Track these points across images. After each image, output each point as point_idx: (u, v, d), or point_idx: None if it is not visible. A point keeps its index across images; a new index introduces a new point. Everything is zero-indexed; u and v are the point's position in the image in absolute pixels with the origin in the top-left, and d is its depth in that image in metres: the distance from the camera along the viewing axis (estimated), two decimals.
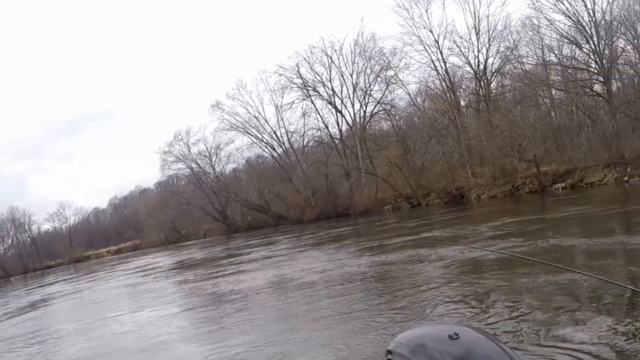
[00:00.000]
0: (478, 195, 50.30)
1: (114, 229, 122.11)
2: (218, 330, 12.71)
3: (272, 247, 36.28)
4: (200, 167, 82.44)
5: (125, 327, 15.59)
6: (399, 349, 1.74)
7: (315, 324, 11.15)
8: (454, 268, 14.52)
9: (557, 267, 10.55)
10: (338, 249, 26.26)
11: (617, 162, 41.85)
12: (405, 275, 14.82)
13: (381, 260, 18.59)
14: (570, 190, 41.87)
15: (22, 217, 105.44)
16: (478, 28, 53.98)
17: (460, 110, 57.84)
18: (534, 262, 11.60)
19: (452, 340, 1.64)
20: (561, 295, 9.60)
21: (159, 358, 11.27)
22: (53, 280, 51.14)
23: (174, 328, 13.95)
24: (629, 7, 43.86)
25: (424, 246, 19.81)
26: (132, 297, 23.60)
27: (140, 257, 63.52)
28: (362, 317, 10.83)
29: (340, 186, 67.84)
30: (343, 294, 13.89)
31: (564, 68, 48.27)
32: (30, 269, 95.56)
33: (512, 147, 47.87)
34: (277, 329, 11.39)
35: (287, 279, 18.46)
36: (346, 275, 16.65)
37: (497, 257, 14.61)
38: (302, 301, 14.11)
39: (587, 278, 10.09)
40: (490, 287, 11.45)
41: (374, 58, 65.00)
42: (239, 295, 16.89)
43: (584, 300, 9.20)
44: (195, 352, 11.14)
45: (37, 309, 27.17)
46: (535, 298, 9.83)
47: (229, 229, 79.85)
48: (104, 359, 12.08)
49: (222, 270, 26.71)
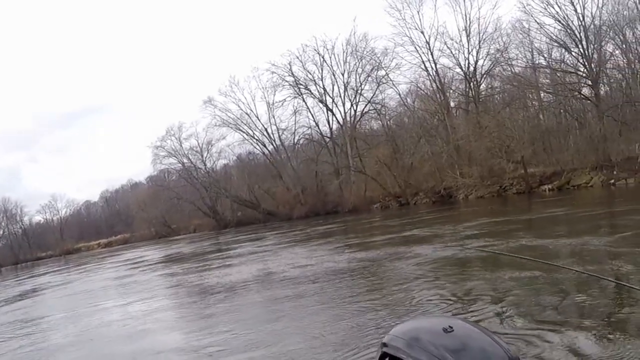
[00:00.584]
0: (466, 196, 50.37)
1: (105, 222, 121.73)
2: (199, 319, 13.20)
3: (258, 243, 36.44)
4: (192, 163, 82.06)
5: (111, 316, 15.82)
6: (394, 342, 1.74)
7: (293, 314, 11.69)
8: (425, 264, 15.19)
9: (525, 260, 11.90)
10: (321, 245, 26.76)
11: (604, 164, 42.06)
12: (379, 271, 15.56)
13: (360, 257, 19.19)
14: (557, 192, 42.10)
15: (14, 209, 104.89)
16: (469, 30, 54.14)
17: (450, 111, 57.85)
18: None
19: (447, 333, 1.64)
20: (524, 287, 10.61)
21: (141, 345, 11.47)
22: (43, 272, 51.06)
23: (157, 318, 14.30)
24: (618, 12, 44.10)
25: (402, 244, 20.77)
26: (119, 289, 23.74)
27: (130, 250, 63.49)
28: (337, 307, 11.51)
29: (330, 184, 67.71)
30: (321, 288, 14.38)
31: (553, 71, 48.37)
32: (21, 260, 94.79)
33: (500, 149, 47.93)
34: (256, 319, 11.89)
35: (269, 274, 18.99)
36: (325, 270, 17.13)
37: (466, 255, 15.69)
38: (282, 294, 14.36)
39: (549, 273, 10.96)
40: (455, 280, 12.56)
41: (366, 58, 65.01)
42: (223, 288, 17.26)
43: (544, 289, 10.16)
44: (176, 339, 11.48)
45: (26, 298, 27.25)
46: (494, 288, 10.88)
47: (218, 224, 79.60)
48: (90, 345, 12.45)
49: (209, 264, 27.00)
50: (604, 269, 10.98)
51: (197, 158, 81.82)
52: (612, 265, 11.28)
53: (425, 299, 10.93)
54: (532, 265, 11.71)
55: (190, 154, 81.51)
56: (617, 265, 11.20)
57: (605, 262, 11.77)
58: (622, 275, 10.27)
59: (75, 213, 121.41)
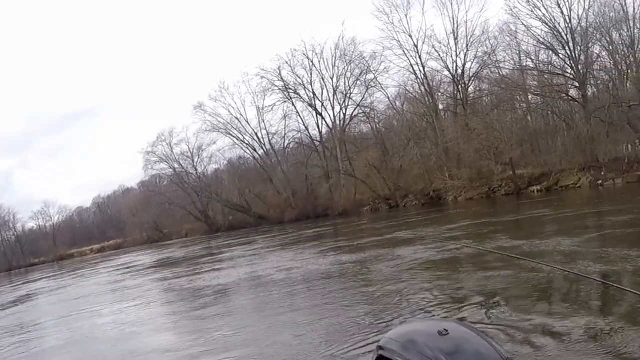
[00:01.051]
0: (455, 198, 50.25)
1: (98, 228, 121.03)
2: (188, 321, 13.78)
3: (247, 247, 36.59)
4: (183, 168, 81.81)
5: (103, 320, 16.37)
6: (390, 345, 1.73)
7: (276, 313, 12.29)
8: (402, 266, 15.82)
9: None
10: (307, 249, 27.38)
11: (592, 165, 42.16)
12: (360, 273, 16.12)
13: (343, 260, 19.78)
14: (545, 193, 42.11)
15: (7, 215, 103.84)
16: (456, 33, 54.18)
17: (439, 114, 57.92)
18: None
19: (442, 336, 1.64)
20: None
21: (131, 346, 11.80)
22: (37, 278, 51.11)
23: (148, 320, 14.86)
24: (605, 14, 44.15)
25: (384, 247, 21.33)
26: (111, 293, 24.09)
27: (122, 256, 63.32)
28: (318, 306, 12.11)
29: (320, 187, 67.70)
30: (305, 290, 15.04)
31: (541, 73, 48.42)
32: (15, 266, 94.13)
33: (489, 151, 47.92)
34: (241, 320, 12.39)
35: (256, 277, 19.55)
36: (309, 273, 17.72)
37: (443, 256, 16.56)
38: (267, 297, 15.03)
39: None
40: (429, 279, 13.34)
41: (354, 62, 64.92)
42: (211, 291, 17.74)
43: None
44: (165, 340, 11.94)
45: (20, 304, 27.74)
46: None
47: (210, 228, 79.25)
48: (81, 347, 12.88)
49: (199, 268, 27.36)
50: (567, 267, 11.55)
51: (188, 163, 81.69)
52: (575, 265, 11.81)
53: (399, 299, 11.45)
54: (503, 264, 13.00)
55: (182, 159, 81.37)
56: (581, 264, 11.78)
57: (570, 261, 12.35)
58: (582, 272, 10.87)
59: (68, 219, 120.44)
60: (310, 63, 67.53)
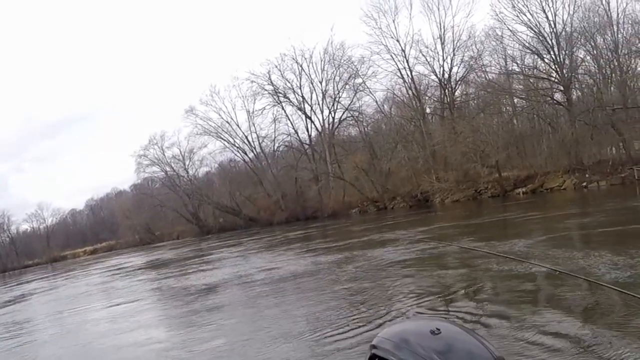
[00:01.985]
0: (442, 199, 50.14)
1: (91, 230, 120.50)
2: (173, 318, 14.82)
3: (234, 249, 37.14)
4: (174, 171, 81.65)
5: (92, 316, 17.32)
6: (383, 344, 1.70)
7: (251, 312, 13.16)
8: (368, 266, 16.81)
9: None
10: (290, 250, 28.34)
11: (576, 168, 42.25)
12: (332, 273, 16.96)
13: (319, 261, 20.61)
14: (530, 195, 42.34)
15: (2, 218, 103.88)
16: (443, 38, 54.10)
17: (426, 117, 57.98)
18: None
19: (434, 335, 1.62)
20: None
21: (115, 340, 12.53)
22: (31, 279, 51.23)
23: (135, 317, 15.45)
24: (589, 19, 44.22)
25: (360, 248, 22.34)
26: (101, 293, 25.02)
27: (114, 257, 63.31)
28: (286, 302, 13.17)
29: (309, 190, 67.48)
30: (279, 289, 15.78)
31: (526, 77, 48.53)
32: (9, 268, 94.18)
33: (475, 153, 47.88)
34: (221, 316, 13.19)
35: (238, 277, 20.30)
36: (286, 273, 18.54)
37: (409, 256, 17.31)
38: (245, 295, 15.97)
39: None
40: (389, 276, 14.43)
41: (343, 66, 65.13)
42: (195, 290, 18.62)
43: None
44: (151, 334, 12.56)
45: (15, 303, 28.46)
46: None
47: (201, 230, 79.11)
48: (71, 339, 13.83)
49: (185, 269, 28.20)
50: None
51: (180, 166, 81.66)
52: (521, 265, 12.51)
53: (357, 296, 12.44)
54: (459, 263, 14.63)
55: (173, 162, 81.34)
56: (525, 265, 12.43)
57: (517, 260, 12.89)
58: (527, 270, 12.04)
59: (62, 221, 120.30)
60: (299, 67, 67.78)
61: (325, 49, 66.43)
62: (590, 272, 10.61)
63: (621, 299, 8.28)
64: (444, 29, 53.62)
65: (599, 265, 11.10)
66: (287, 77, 68.45)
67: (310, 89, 68.57)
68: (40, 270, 69.99)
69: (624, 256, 11.38)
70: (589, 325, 7.35)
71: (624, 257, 11.26)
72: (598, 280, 9.57)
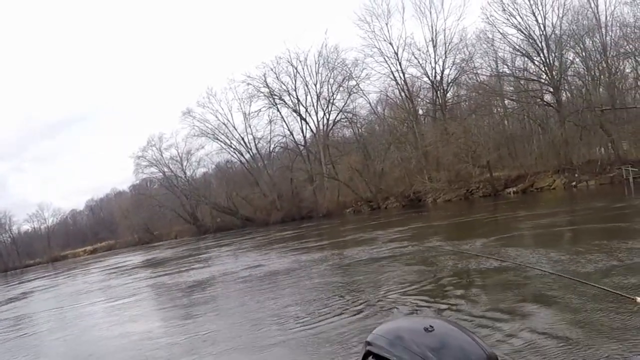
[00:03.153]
0: (434, 199, 50.22)
1: (90, 230, 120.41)
2: (159, 311, 16.11)
3: (226, 248, 37.85)
4: (172, 171, 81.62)
5: (89, 310, 18.25)
6: (378, 341, 1.72)
7: (229, 306, 14.17)
8: (340, 264, 17.96)
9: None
10: (277, 249, 28.92)
11: (566, 168, 42.46)
12: (306, 270, 17.82)
13: (301, 259, 21.30)
14: (521, 195, 42.67)
15: (3, 218, 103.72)
16: (435, 41, 54.09)
17: (418, 119, 58.06)
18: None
19: (428, 333, 1.64)
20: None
21: (115, 331, 13.30)
22: (32, 278, 51.39)
23: (127, 311, 16.30)
24: (578, 21, 44.41)
25: (341, 247, 23.46)
26: (99, 290, 25.39)
27: (113, 257, 63.48)
28: (265, 297, 13.91)
29: (305, 190, 67.65)
30: (258, 283, 16.90)
31: (517, 79, 48.57)
32: (10, 267, 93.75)
33: (467, 154, 48.06)
34: (202, 309, 14.09)
35: (224, 274, 21.20)
36: (269, 270, 19.45)
37: (382, 255, 18.09)
38: (224, 290, 17.20)
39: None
40: (357, 272, 15.52)
41: (337, 69, 65.17)
42: (185, 286, 19.83)
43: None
44: (144, 326, 13.30)
45: (17, 300, 29.02)
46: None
47: (198, 230, 79.09)
48: (69, 331, 14.78)
49: (179, 267, 28.94)
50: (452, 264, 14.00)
51: (178, 167, 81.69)
52: (475, 260, 13.61)
53: (324, 290, 13.23)
54: (418, 260, 15.68)
55: (171, 163, 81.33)
56: (475, 261, 13.58)
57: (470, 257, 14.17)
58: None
59: (62, 221, 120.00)
60: (294, 70, 67.81)
61: (319, 52, 67.15)
62: (531, 262, 12.29)
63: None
64: (436, 32, 53.79)
65: (535, 258, 12.86)
66: (282, 80, 68.58)
67: (305, 91, 68.74)
68: (41, 270, 70.00)
69: (558, 252, 13.05)
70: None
71: (558, 253, 12.95)
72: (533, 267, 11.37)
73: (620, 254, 11.45)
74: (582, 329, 7.03)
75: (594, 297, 8.13)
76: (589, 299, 8.17)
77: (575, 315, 7.64)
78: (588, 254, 11.95)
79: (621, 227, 16.34)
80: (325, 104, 67.14)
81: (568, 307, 8.11)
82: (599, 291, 7.90)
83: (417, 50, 54.87)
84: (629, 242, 12.65)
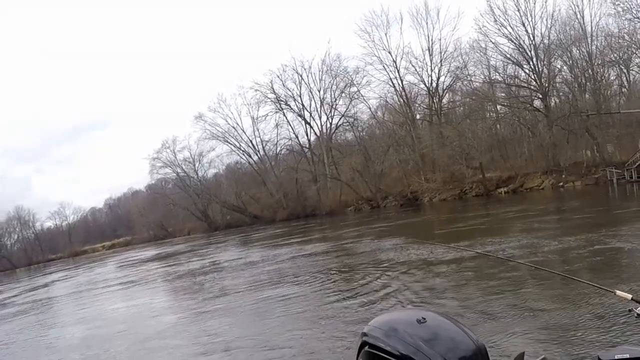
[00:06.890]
0: (430, 199, 50.45)
1: (109, 227, 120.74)
2: (156, 294, 18.22)
3: (228, 242, 39.76)
4: (185, 172, 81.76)
5: (107, 295, 20.15)
6: (374, 332, 1.73)
7: (222, 290, 15.80)
8: (317, 258, 19.14)
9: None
10: (276, 244, 29.97)
11: (554, 169, 42.78)
12: (288, 262, 19.24)
13: (280, 252, 22.97)
14: (511, 194, 42.98)
15: (27, 216, 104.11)
16: (431, 50, 54.42)
17: (415, 123, 58.36)
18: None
19: (420, 324, 1.65)
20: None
21: (115, 305, 16.41)
22: (54, 270, 52.78)
23: (132, 293, 18.84)
24: (565, 32, 44.87)
25: (326, 241, 25.24)
26: (113, 280, 27.22)
27: (129, 251, 64.53)
28: (265, 285, 15.02)
29: (309, 190, 67.66)
30: (238, 271, 19.22)
31: (508, 86, 48.95)
32: (34, 261, 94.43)
33: (461, 156, 48.46)
34: (187, 292, 16.28)
35: (215, 264, 23.66)
36: (259, 260, 21.41)
37: (366, 249, 19.31)
38: (218, 277, 18.97)
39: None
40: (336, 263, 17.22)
41: (339, 76, 65.25)
42: (191, 275, 21.54)
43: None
44: (135, 301, 16.06)
45: (44, 287, 31.77)
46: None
47: (210, 227, 79.15)
48: (86, 310, 17.05)
49: (182, 260, 31.07)
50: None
51: (190, 168, 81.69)
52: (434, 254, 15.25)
53: (294, 279, 14.98)
54: (395, 253, 16.83)
55: (184, 164, 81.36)
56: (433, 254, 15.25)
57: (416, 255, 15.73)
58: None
59: (82, 219, 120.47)
60: (299, 77, 67.90)
61: (323, 60, 67.09)
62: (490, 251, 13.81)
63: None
64: (432, 41, 54.14)
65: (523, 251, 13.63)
66: (288, 86, 68.75)
67: (310, 97, 68.83)
68: (63, 264, 71.09)
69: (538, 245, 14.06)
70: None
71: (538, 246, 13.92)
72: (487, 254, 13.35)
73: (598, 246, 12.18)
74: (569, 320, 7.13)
75: (577, 289, 8.30)
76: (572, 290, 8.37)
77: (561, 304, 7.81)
78: (575, 249, 12.64)
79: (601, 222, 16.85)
80: (329, 109, 67.45)
81: (554, 299, 8.25)
82: (577, 284, 8.15)
83: (415, 59, 55.32)
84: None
